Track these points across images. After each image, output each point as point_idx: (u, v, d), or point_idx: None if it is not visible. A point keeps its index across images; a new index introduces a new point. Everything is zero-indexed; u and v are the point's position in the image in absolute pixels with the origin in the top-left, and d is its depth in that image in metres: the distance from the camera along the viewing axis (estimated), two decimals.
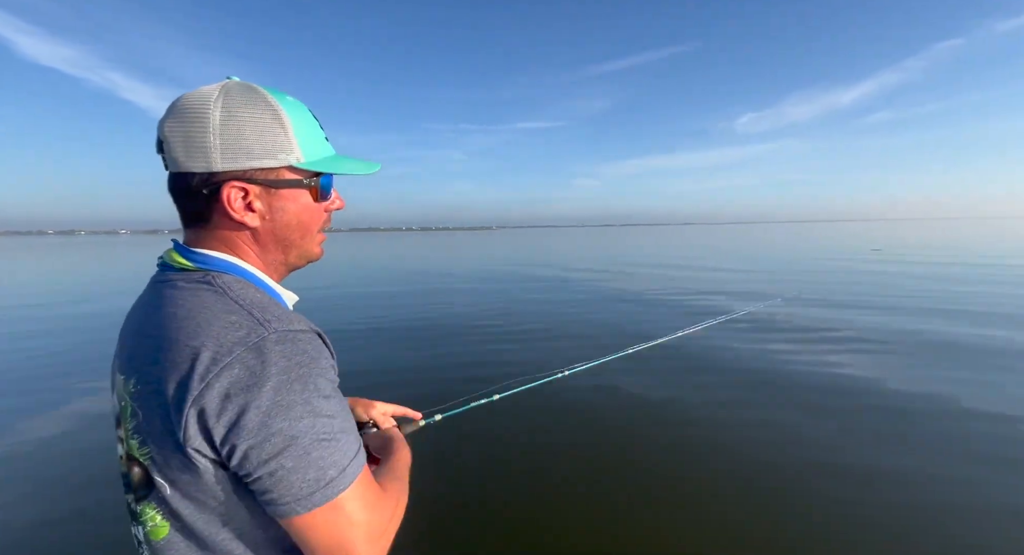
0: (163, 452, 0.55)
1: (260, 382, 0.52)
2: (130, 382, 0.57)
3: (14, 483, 3.01)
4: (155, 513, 0.58)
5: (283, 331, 0.55)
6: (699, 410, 3.89)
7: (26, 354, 6.19)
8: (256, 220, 0.63)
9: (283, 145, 0.61)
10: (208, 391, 0.51)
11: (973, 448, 3.13)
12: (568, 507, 2.60)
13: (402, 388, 4.47)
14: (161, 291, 0.61)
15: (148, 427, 0.55)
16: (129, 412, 0.57)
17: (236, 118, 0.58)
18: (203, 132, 0.58)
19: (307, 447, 0.53)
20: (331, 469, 0.54)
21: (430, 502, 2.40)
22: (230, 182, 0.60)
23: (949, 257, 17.66)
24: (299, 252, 0.70)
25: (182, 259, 0.63)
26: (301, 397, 0.53)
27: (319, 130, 0.67)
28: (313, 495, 0.53)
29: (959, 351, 5.35)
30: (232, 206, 0.61)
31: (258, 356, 0.53)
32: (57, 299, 11.32)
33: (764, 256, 20.43)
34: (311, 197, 0.67)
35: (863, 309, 7.80)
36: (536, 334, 6.59)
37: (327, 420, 0.55)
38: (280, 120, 0.61)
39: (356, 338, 6.56)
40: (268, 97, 0.61)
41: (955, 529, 2.35)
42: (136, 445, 0.57)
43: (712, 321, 2.84)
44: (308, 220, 0.68)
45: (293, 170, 0.64)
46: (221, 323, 0.54)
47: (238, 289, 0.60)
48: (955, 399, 3.94)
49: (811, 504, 2.58)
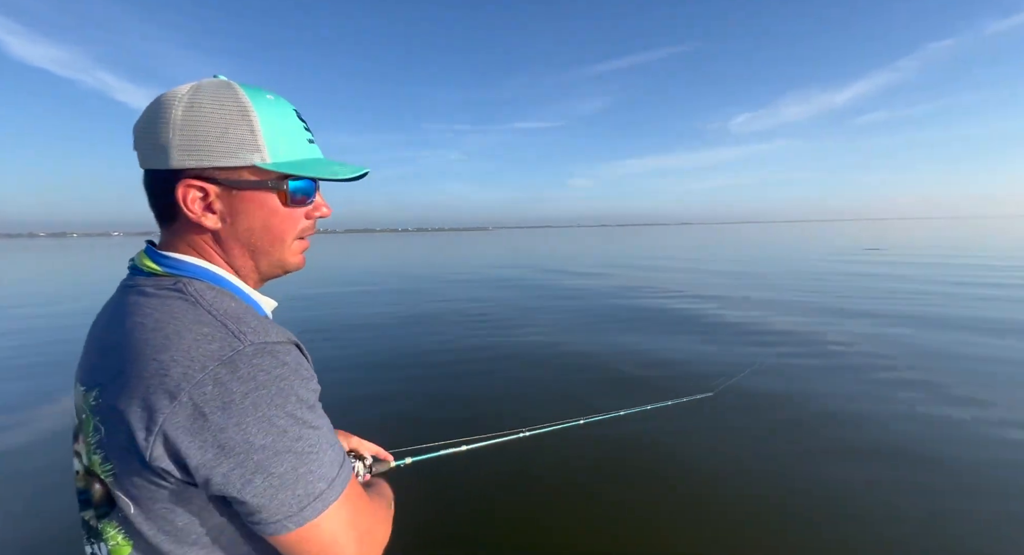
0: (127, 470, 0.52)
1: (237, 398, 0.49)
2: (91, 395, 0.55)
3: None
4: (116, 532, 0.56)
5: (259, 343, 0.53)
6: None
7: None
8: (216, 222, 0.60)
9: (246, 143, 0.58)
10: (179, 409, 0.48)
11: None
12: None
13: (370, 423, 3.87)
14: (128, 297, 0.58)
15: (111, 443, 0.53)
16: (91, 427, 0.55)
17: (198, 114, 0.56)
18: (164, 129, 0.56)
19: (293, 462, 0.51)
20: (320, 482, 0.53)
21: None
22: (187, 180, 0.58)
23: (948, 255, 17.79)
24: (270, 260, 0.66)
25: (151, 263, 0.61)
26: (283, 411, 0.51)
27: (300, 131, 0.64)
28: (304, 510, 0.52)
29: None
30: (189, 206, 0.58)
31: (233, 371, 0.50)
32: (32, 300, 11.32)
33: (765, 257, 20.31)
34: (279, 201, 0.62)
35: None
36: (508, 383, 5.01)
37: (312, 431, 0.54)
38: (247, 117, 0.58)
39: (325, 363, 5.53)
40: (239, 93, 0.59)
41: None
42: (98, 461, 0.54)
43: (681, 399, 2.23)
44: (278, 226, 0.63)
45: (257, 171, 0.60)
46: (192, 335, 0.52)
47: (211, 297, 0.57)
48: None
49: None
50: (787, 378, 4.52)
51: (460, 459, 1.16)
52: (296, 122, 0.63)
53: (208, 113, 0.56)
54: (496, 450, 1.21)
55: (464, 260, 24.02)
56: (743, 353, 5.43)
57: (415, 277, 15.35)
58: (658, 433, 3.43)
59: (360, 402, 4.21)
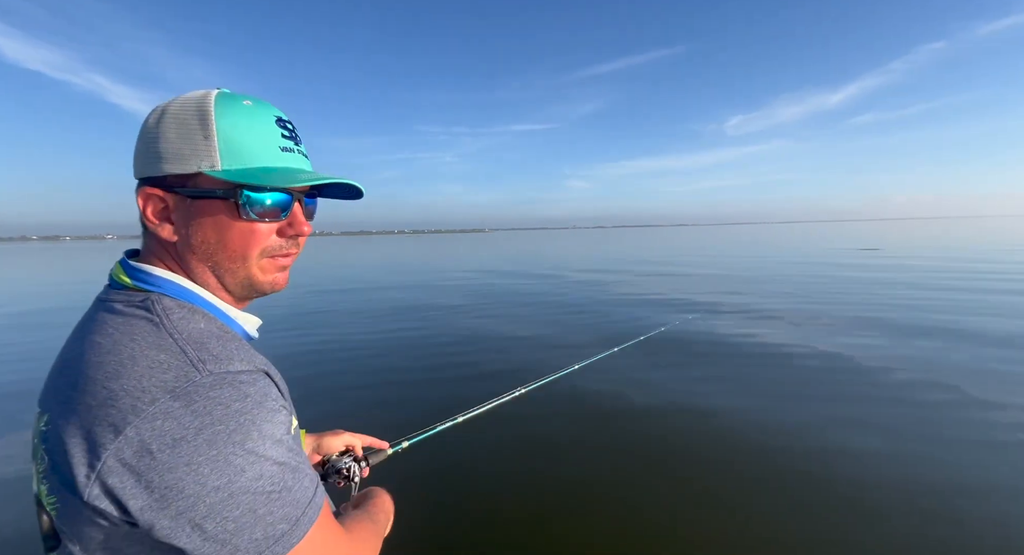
0: (68, 506, 0.48)
1: (189, 435, 0.45)
2: (42, 420, 0.51)
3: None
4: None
5: (219, 373, 0.49)
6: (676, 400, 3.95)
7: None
8: (171, 233, 0.57)
9: (198, 150, 0.55)
10: (124, 445, 0.44)
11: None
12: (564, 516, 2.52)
13: (362, 415, 4.01)
14: (95, 313, 0.55)
15: (54, 475, 0.49)
16: (39, 454, 0.51)
17: (164, 122, 0.56)
18: (139, 139, 0.57)
19: (251, 505, 0.47)
20: (281, 523, 0.48)
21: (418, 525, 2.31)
22: (144, 188, 0.57)
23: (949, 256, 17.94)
24: (235, 278, 0.60)
25: (124, 276, 0.58)
26: (242, 448, 0.47)
27: (273, 138, 0.58)
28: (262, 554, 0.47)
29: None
30: (148, 215, 0.57)
31: (187, 404, 0.46)
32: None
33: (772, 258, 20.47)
34: (234, 212, 0.57)
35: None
36: (491, 348, 6.05)
37: (276, 468, 0.49)
38: (204, 122, 0.55)
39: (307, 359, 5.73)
40: (207, 100, 0.56)
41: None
42: (45, 491, 0.51)
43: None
44: (236, 240, 0.58)
45: (207, 179, 0.56)
46: (147, 362, 0.48)
47: (177, 318, 0.53)
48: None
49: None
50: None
51: (455, 433, 1.19)
52: (270, 128, 0.58)
53: (171, 121, 0.55)
54: (487, 417, 1.26)
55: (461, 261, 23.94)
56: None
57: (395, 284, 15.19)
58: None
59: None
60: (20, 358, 6.10)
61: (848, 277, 11.99)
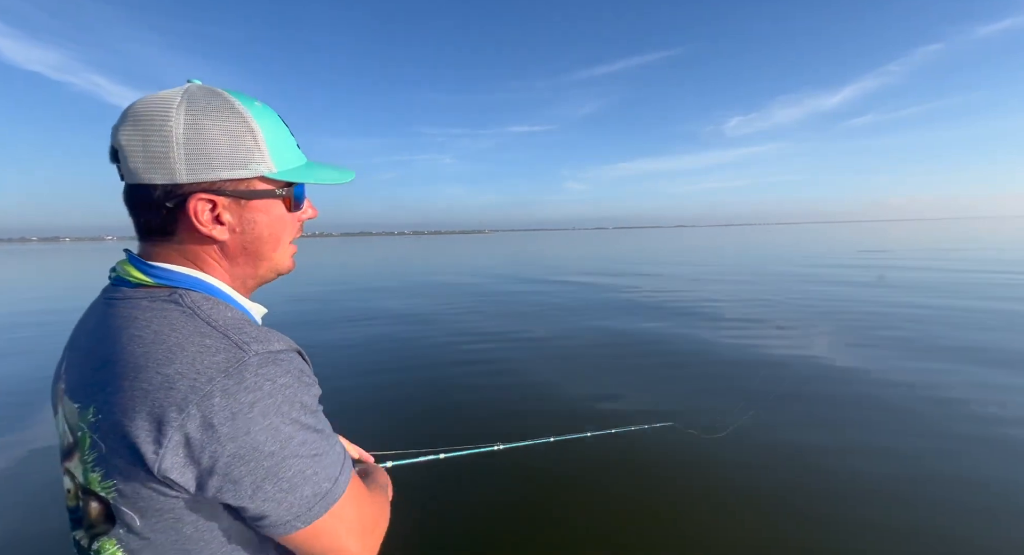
0: (131, 485, 0.52)
1: (244, 408, 0.50)
2: (88, 411, 0.54)
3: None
4: (116, 549, 0.56)
5: (264, 353, 0.54)
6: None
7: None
8: (225, 233, 0.61)
9: (253, 155, 0.59)
10: (189, 421, 0.49)
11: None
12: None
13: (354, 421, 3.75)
14: (118, 310, 0.57)
15: (114, 459, 0.52)
16: (88, 444, 0.54)
17: (201, 126, 0.56)
18: (164, 142, 0.55)
19: (301, 467, 0.53)
20: (325, 481, 0.56)
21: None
22: (197, 194, 0.57)
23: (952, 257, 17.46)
24: (270, 265, 0.68)
25: (140, 274, 0.59)
26: (289, 418, 0.53)
27: (290, 137, 0.65)
28: (311, 509, 0.54)
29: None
30: (199, 219, 0.58)
31: (239, 382, 0.51)
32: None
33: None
34: (284, 208, 0.65)
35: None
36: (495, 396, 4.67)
37: (315, 435, 0.56)
38: (250, 128, 0.59)
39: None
40: (235, 103, 0.59)
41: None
42: (98, 478, 0.54)
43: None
44: (280, 232, 0.66)
45: (265, 180, 0.62)
46: (195, 347, 0.52)
47: (208, 308, 0.57)
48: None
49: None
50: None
51: (438, 466, 1.18)
52: (284, 128, 0.64)
53: (212, 125, 0.56)
54: (472, 461, 1.22)
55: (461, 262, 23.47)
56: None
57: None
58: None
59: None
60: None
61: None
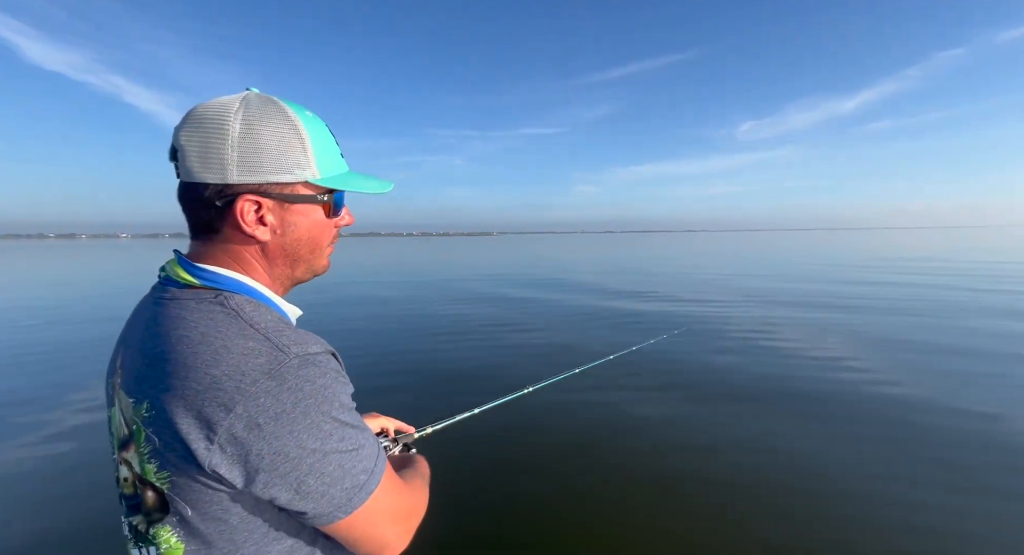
0: (184, 477, 0.56)
1: (288, 408, 0.54)
2: (142, 407, 0.57)
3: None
4: (171, 535, 0.59)
5: (303, 356, 0.57)
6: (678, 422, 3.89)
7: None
8: (267, 234, 0.64)
9: (300, 160, 0.63)
10: (236, 421, 0.52)
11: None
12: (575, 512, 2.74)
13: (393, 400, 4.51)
14: (167, 310, 0.61)
15: (168, 453, 0.56)
16: (143, 437, 0.58)
17: (255, 131, 0.60)
18: (221, 143, 0.59)
19: (340, 462, 0.57)
20: (362, 474, 0.59)
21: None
22: (245, 195, 0.61)
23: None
24: (307, 266, 0.71)
25: (187, 275, 0.63)
26: (328, 416, 0.56)
27: (335, 146, 0.69)
28: (351, 500, 0.58)
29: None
30: (244, 219, 0.62)
31: (282, 383, 0.54)
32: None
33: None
34: (323, 213, 0.69)
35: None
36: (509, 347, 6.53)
37: (352, 431, 0.59)
38: (299, 135, 0.63)
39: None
40: (288, 111, 0.63)
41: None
42: (153, 469, 0.58)
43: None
44: (319, 235, 0.70)
45: (308, 186, 0.65)
46: (239, 350, 0.55)
47: (250, 311, 0.60)
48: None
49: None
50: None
51: (473, 422, 1.31)
52: (331, 137, 0.68)
53: (265, 130, 0.60)
54: (502, 410, 1.40)
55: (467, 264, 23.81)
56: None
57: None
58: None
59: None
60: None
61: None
